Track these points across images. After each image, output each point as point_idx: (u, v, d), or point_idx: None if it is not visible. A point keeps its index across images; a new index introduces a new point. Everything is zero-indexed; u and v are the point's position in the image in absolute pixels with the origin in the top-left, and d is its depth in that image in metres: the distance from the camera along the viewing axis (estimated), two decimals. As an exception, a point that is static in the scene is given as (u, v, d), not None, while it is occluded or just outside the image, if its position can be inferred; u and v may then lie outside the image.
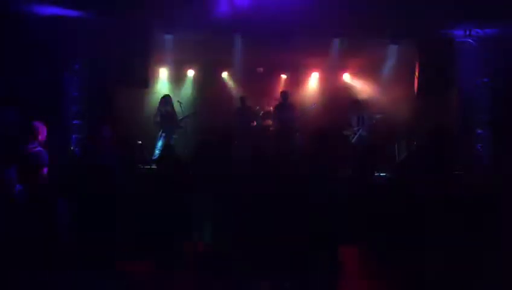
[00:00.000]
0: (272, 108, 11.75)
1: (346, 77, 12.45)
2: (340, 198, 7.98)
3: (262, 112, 11.64)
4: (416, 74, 10.58)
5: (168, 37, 10.61)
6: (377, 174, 9.28)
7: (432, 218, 7.58)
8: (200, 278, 6.73)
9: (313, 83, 12.68)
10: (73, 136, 10.11)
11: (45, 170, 6.47)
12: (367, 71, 12.10)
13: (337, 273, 6.56)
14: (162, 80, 12.03)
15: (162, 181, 7.23)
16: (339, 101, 11.63)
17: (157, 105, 10.71)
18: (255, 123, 11.52)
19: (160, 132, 10.52)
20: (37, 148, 6.42)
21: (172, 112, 10.72)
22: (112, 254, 6.26)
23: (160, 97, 10.84)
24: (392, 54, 11.22)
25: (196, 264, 7.19)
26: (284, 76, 12.67)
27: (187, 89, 12.20)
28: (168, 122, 10.53)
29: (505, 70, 10.31)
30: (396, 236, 7.57)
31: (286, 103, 11.10)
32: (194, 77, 12.28)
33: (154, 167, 9.66)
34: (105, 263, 6.06)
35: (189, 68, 12.19)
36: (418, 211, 7.88)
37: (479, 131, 10.86)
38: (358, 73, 12.36)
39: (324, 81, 12.58)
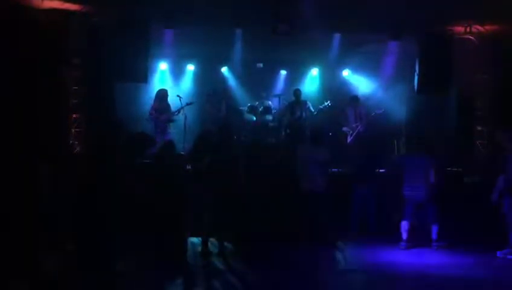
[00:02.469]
0: (270, 103, 11.76)
1: (346, 73, 12.43)
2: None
3: (261, 108, 11.62)
4: (417, 70, 10.56)
5: (168, 31, 10.56)
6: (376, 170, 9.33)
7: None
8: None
9: (313, 78, 12.65)
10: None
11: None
12: (367, 67, 12.08)
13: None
14: (162, 74, 11.99)
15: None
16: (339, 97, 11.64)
17: (153, 99, 10.66)
18: (254, 118, 11.51)
19: (155, 127, 10.46)
20: None
21: (167, 107, 10.66)
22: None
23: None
24: (392, 51, 11.19)
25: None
26: (283, 71, 12.63)
27: (187, 84, 12.17)
28: (162, 117, 10.49)
29: (506, 67, 10.30)
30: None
31: (299, 101, 11.12)
32: (194, 71, 12.24)
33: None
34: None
35: (189, 62, 12.15)
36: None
37: (479, 128, 10.88)
38: (358, 69, 12.33)
39: (324, 77, 12.56)
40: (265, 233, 8.01)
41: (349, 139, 10.82)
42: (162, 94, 10.67)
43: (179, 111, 10.71)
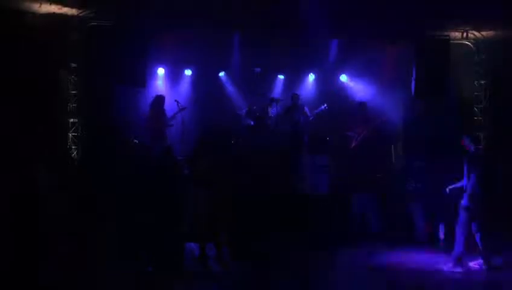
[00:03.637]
0: (268, 107, 11.78)
1: (344, 78, 12.46)
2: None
3: (259, 112, 11.61)
4: (413, 75, 10.60)
5: (166, 36, 10.56)
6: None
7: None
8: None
9: (310, 83, 12.68)
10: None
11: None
12: (364, 72, 12.10)
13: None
14: (160, 79, 11.99)
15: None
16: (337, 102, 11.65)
17: (149, 106, 10.58)
18: (251, 123, 11.51)
19: (153, 134, 10.39)
20: None
21: (164, 112, 10.58)
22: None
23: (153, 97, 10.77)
24: (389, 56, 11.22)
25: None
26: (281, 76, 12.65)
27: (185, 88, 12.17)
28: (160, 123, 10.43)
29: (502, 71, 10.36)
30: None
31: (297, 105, 11.13)
32: (192, 76, 12.24)
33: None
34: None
35: (187, 67, 12.15)
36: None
37: (477, 133, 10.91)
38: (355, 74, 12.36)
39: (321, 82, 12.58)
40: (263, 236, 8.01)
41: (353, 144, 10.80)
42: (159, 100, 10.59)
43: (174, 116, 10.66)
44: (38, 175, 6.69)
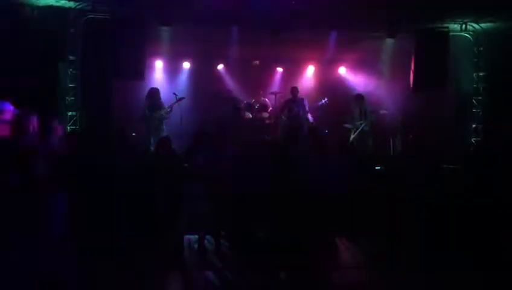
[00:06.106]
0: (266, 100, 11.78)
1: (342, 71, 12.45)
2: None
3: (258, 105, 11.62)
4: (412, 68, 10.60)
5: (165, 29, 10.53)
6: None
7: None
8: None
9: (309, 76, 12.67)
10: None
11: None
12: (363, 65, 12.09)
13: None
14: (158, 72, 11.97)
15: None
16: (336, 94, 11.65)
17: (145, 98, 10.47)
18: (250, 116, 11.51)
19: (148, 126, 10.36)
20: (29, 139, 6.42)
21: (160, 105, 10.49)
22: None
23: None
24: (388, 48, 11.21)
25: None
26: (280, 69, 12.64)
27: (183, 81, 12.15)
28: (155, 115, 10.37)
29: (501, 64, 10.35)
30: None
31: (296, 99, 11.13)
32: (190, 69, 12.23)
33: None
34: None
35: (185, 60, 12.13)
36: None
37: (475, 125, 10.94)
38: (354, 67, 12.35)
39: (320, 74, 12.58)
40: (261, 230, 8.00)
41: (351, 137, 10.79)
42: (153, 92, 10.49)
43: (171, 108, 10.56)
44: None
